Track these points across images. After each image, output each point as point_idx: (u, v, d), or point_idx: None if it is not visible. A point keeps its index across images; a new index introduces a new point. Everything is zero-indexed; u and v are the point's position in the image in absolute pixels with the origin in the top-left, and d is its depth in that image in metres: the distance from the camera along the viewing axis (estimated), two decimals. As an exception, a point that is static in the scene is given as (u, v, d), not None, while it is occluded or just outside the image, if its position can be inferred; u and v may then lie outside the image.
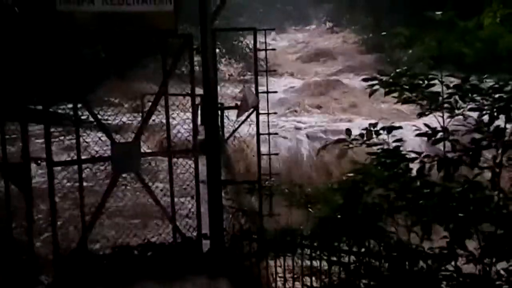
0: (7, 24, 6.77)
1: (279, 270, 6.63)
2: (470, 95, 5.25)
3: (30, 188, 6.89)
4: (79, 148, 7.01)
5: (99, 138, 7.37)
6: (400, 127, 5.48)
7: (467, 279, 4.96)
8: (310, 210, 6.42)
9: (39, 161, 7.16)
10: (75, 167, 7.13)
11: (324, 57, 25.06)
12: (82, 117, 7.36)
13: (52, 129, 7.16)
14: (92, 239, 7.39)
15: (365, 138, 5.35)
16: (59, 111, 8.65)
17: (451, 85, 5.35)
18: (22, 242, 7.03)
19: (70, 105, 9.67)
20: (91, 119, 7.16)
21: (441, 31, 5.75)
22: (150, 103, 7.49)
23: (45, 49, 6.80)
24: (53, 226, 6.97)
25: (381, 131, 5.37)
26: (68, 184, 7.96)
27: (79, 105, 7.07)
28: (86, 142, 7.21)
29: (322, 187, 6.21)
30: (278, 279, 6.70)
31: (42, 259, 7.05)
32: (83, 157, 7.10)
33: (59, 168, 7.36)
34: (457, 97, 5.27)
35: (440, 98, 5.28)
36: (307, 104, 17.03)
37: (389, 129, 5.37)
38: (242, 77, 19.81)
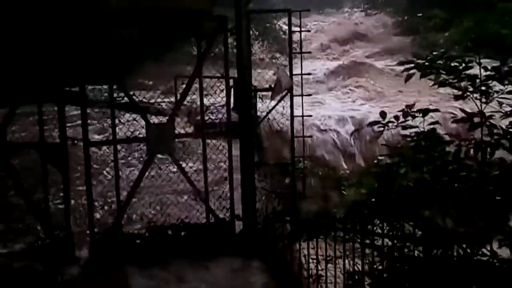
0: (42, 8, 6.85)
1: (312, 252, 6.63)
2: (509, 77, 5.14)
3: (66, 167, 7.02)
4: (115, 129, 7.11)
5: (134, 119, 7.45)
6: (436, 110, 5.40)
7: (504, 264, 4.89)
8: (344, 192, 6.41)
9: (75, 141, 7.29)
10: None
11: (358, 39, 24.77)
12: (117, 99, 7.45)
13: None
14: (126, 218, 7.51)
15: (400, 120, 5.27)
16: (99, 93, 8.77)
17: (489, 67, 5.24)
18: (60, 220, 7.20)
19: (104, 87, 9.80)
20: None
21: (479, 13, 5.64)
22: (183, 86, 7.54)
23: (80, 30, 6.88)
24: (89, 205, 7.10)
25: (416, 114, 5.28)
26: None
27: (115, 87, 7.17)
28: (122, 123, 7.29)
29: (357, 170, 6.18)
30: (310, 261, 6.71)
31: (79, 237, 7.19)
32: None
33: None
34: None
35: (478, 81, 5.18)
36: (342, 86, 16.89)
37: (425, 112, 5.29)
38: (275, 60, 19.72)
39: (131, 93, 7.46)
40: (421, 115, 5.32)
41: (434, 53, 5.30)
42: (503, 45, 5.33)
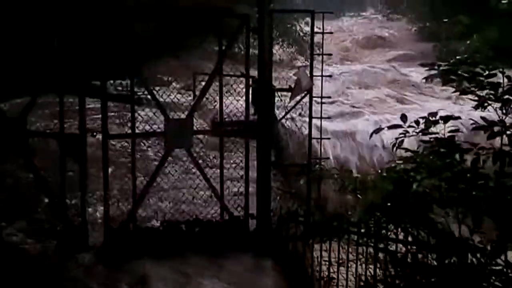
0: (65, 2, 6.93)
1: (324, 254, 6.64)
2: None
3: (85, 159, 7.08)
4: (134, 122, 7.16)
5: (154, 114, 7.50)
6: (458, 117, 5.38)
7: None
8: (359, 196, 6.38)
9: (94, 133, 7.36)
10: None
11: (378, 44, 24.73)
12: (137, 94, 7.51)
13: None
14: (141, 212, 7.56)
15: (421, 127, 5.25)
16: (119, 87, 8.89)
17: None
18: (75, 209, 7.28)
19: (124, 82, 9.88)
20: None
21: (504, 21, 5.60)
22: (202, 83, 7.56)
23: (102, 25, 6.93)
24: (105, 197, 7.16)
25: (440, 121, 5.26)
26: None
27: (135, 81, 7.22)
28: (142, 117, 7.34)
29: (372, 173, 6.17)
30: (323, 263, 6.72)
31: (93, 227, 7.26)
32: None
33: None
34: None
35: (500, 90, 5.14)
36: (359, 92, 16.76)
37: (446, 119, 5.28)
38: (294, 61, 19.76)
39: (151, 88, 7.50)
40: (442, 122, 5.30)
41: (458, 57, 5.28)
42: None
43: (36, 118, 9.49)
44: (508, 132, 5.11)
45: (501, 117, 5.16)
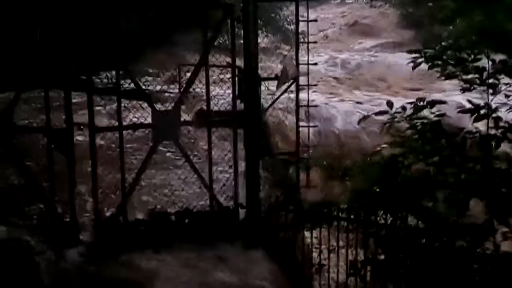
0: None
1: (315, 241, 6.68)
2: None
3: (72, 153, 7.05)
4: (120, 115, 7.13)
5: (140, 106, 7.48)
6: (444, 102, 5.41)
7: (506, 257, 4.93)
8: (348, 183, 6.41)
9: (81, 127, 7.33)
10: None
11: (362, 31, 24.70)
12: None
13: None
14: (130, 204, 7.54)
15: (409, 112, 5.27)
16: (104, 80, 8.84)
17: (497, 61, 5.25)
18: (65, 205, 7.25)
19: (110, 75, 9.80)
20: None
21: (489, 5, 5.62)
22: (188, 74, 7.54)
23: (86, 17, 6.89)
24: (94, 190, 7.14)
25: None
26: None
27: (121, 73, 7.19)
28: (129, 109, 7.32)
29: (361, 160, 6.19)
30: (313, 250, 6.76)
31: (83, 221, 7.24)
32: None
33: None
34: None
35: (485, 74, 5.18)
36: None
37: (432, 104, 5.31)
38: (279, 50, 19.71)
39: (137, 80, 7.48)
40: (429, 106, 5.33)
41: (443, 43, 5.31)
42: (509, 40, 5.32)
43: (21, 112, 9.40)
44: (494, 115, 5.15)
45: (486, 100, 5.20)
